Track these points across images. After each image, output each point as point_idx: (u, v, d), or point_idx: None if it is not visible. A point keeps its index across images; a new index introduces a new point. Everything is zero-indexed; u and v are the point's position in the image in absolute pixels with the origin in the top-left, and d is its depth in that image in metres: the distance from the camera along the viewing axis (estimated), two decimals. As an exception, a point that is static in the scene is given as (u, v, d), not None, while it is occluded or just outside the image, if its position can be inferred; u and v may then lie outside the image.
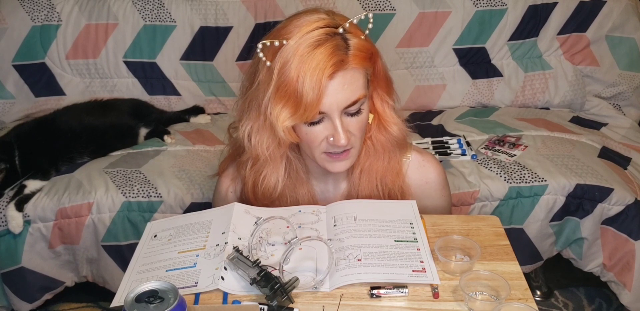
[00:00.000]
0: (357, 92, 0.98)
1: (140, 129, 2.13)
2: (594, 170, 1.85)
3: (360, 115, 1.02)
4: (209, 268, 0.95)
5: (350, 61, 0.96)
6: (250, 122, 1.06)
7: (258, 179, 1.13)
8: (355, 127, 1.02)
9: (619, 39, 2.24)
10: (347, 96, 0.97)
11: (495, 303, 0.87)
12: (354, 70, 0.98)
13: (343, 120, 1.00)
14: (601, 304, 2.02)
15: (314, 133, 1.01)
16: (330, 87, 0.96)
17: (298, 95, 0.95)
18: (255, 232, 0.97)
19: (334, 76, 0.95)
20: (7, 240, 1.79)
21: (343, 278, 0.92)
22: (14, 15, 2.22)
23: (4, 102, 2.27)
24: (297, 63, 0.94)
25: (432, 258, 0.97)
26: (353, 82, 0.98)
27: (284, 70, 0.95)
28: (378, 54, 1.04)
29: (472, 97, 2.33)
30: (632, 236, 1.77)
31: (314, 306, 0.90)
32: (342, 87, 0.97)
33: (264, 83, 0.99)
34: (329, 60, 0.94)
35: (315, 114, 0.97)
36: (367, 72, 1.02)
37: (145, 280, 0.94)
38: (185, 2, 2.25)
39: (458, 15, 2.24)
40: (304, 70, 0.93)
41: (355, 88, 0.98)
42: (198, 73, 2.31)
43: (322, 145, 1.03)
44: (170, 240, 1.04)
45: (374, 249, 0.98)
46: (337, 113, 0.98)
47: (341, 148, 1.03)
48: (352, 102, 0.98)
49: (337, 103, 0.97)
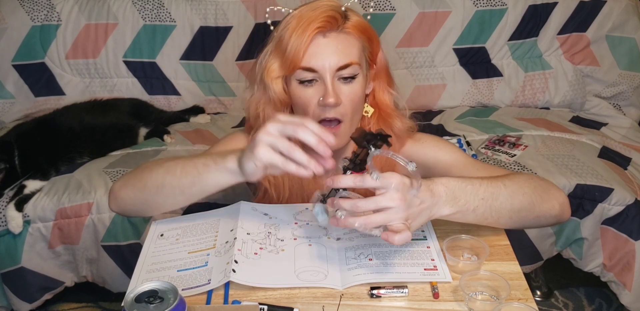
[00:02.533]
0: (350, 56, 1.02)
1: (140, 129, 2.13)
2: (594, 170, 1.85)
3: (353, 84, 1.04)
4: (221, 264, 0.95)
5: (346, 26, 1.01)
6: (252, 86, 1.09)
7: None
8: (346, 95, 1.03)
9: (619, 38, 2.24)
10: (339, 57, 1.01)
11: (495, 303, 0.87)
12: (349, 36, 1.02)
13: (335, 84, 1.02)
14: (601, 304, 2.02)
15: (306, 95, 1.04)
16: (322, 45, 1.00)
17: (286, 46, 1.00)
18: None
19: (326, 35, 1.01)
20: (7, 240, 1.79)
21: (355, 277, 0.92)
22: (14, 15, 2.22)
23: (3, 102, 2.26)
24: (294, 22, 1.01)
25: (442, 256, 0.97)
26: (348, 46, 1.02)
27: (282, 30, 1.02)
28: (378, 40, 1.07)
29: (472, 97, 2.33)
30: (632, 236, 1.76)
31: (314, 306, 0.89)
32: (336, 47, 1.01)
33: (267, 47, 1.06)
34: (322, 15, 0.99)
35: (298, 65, 1.00)
36: (365, 47, 1.05)
37: (157, 279, 0.94)
38: (185, 2, 2.25)
39: (458, 15, 2.24)
40: (297, 25, 1.00)
41: (350, 52, 1.02)
42: (198, 73, 2.30)
43: (315, 111, 1.04)
44: (178, 239, 1.04)
45: (384, 248, 0.98)
46: (330, 74, 1.01)
47: (331, 112, 1.03)
48: (345, 64, 1.01)
49: (330, 63, 1.00)
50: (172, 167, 1.00)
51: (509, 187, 0.96)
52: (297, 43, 0.99)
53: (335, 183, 0.85)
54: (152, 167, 1.04)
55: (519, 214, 0.97)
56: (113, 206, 1.10)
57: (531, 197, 0.98)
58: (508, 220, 0.97)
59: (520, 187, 0.98)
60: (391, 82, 1.12)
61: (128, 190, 1.06)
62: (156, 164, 1.04)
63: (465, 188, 0.91)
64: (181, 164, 1.00)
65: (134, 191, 1.05)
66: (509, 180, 0.98)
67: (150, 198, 1.03)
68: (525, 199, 0.97)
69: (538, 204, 0.99)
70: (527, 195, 0.98)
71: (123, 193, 1.06)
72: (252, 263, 0.95)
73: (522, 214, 0.98)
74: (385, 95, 1.11)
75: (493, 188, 0.94)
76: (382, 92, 1.11)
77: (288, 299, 0.91)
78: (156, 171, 1.02)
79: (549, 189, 1.03)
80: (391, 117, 1.12)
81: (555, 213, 1.02)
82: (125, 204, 1.08)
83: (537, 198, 0.99)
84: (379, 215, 0.83)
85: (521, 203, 0.97)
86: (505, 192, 0.95)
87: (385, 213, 0.83)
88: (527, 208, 0.98)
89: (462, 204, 0.91)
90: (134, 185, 1.05)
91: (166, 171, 1.01)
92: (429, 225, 1.05)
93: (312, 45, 1.00)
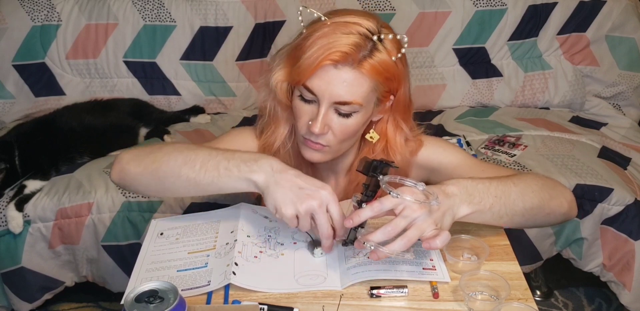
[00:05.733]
0: (354, 96, 0.98)
1: (140, 129, 2.13)
2: (593, 170, 1.85)
3: (348, 120, 1.01)
4: (221, 266, 0.95)
5: (361, 66, 0.96)
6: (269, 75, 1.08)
7: (263, 133, 1.15)
8: (337, 127, 1.02)
9: (619, 39, 2.24)
10: (342, 93, 0.97)
11: (495, 303, 0.87)
12: (361, 76, 0.97)
13: (329, 113, 1.00)
14: (601, 304, 2.02)
15: (302, 110, 1.03)
16: (331, 74, 0.97)
17: (299, 59, 0.98)
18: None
19: (339, 66, 0.96)
20: (7, 240, 1.79)
21: (354, 275, 0.93)
22: (14, 15, 2.22)
23: (4, 102, 2.26)
24: (319, 35, 0.97)
25: (442, 256, 0.97)
26: (355, 85, 0.97)
27: (306, 36, 0.99)
28: (402, 80, 1.03)
29: (472, 97, 2.33)
30: (632, 236, 1.77)
31: (314, 306, 0.90)
32: (342, 82, 0.97)
33: (289, 45, 1.05)
34: (344, 47, 0.95)
35: (300, 83, 0.99)
36: (377, 88, 1.00)
37: (156, 278, 0.94)
38: (185, 2, 2.25)
39: (458, 15, 2.24)
40: (320, 42, 0.96)
41: (355, 92, 0.98)
42: (198, 73, 2.31)
43: (304, 127, 1.03)
44: (178, 239, 1.04)
45: None
46: (327, 103, 0.99)
47: (314, 137, 1.03)
48: (344, 102, 0.98)
49: (330, 94, 0.98)
50: (191, 159, 0.98)
51: (519, 185, 0.97)
52: (309, 62, 0.96)
53: (355, 220, 0.87)
54: (169, 151, 1.01)
55: (531, 212, 0.99)
56: (115, 176, 1.07)
57: (540, 195, 0.99)
58: (521, 218, 0.98)
59: (529, 185, 0.99)
60: (407, 117, 1.10)
61: (138, 166, 1.03)
62: (174, 149, 1.02)
63: (477, 187, 0.93)
64: (201, 158, 0.97)
65: (143, 169, 1.02)
66: (517, 179, 0.99)
67: (161, 182, 1.01)
68: (536, 197, 0.99)
69: (547, 201, 1.01)
70: (537, 193, 0.99)
71: (132, 167, 1.03)
72: (252, 267, 0.95)
73: (534, 212, 0.99)
74: (398, 130, 1.10)
75: (504, 187, 0.95)
76: (394, 126, 1.09)
77: (288, 299, 0.91)
78: (174, 158, 0.99)
79: (556, 187, 1.05)
80: (395, 152, 1.11)
81: (564, 211, 1.04)
82: (130, 178, 1.05)
83: (546, 195, 1.00)
84: (411, 230, 0.85)
85: (532, 201, 0.98)
86: (515, 189, 0.96)
87: (415, 226, 0.85)
88: (538, 205, 0.99)
89: (478, 201, 0.92)
90: (145, 163, 1.02)
91: (184, 161, 0.98)
92: None
93: (322, 70, 0.96)
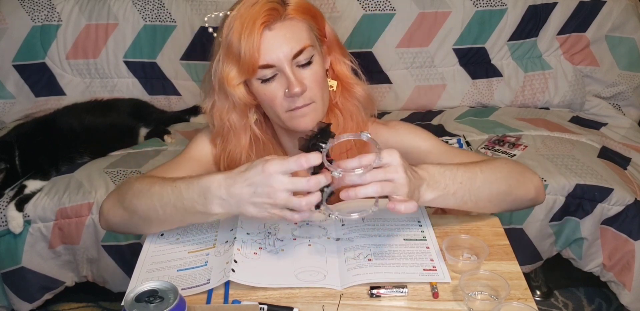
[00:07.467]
0: (301, 42, 1.00)
1: (140, 129, 2.13)
2: (593, 170, 1.85)
3: (312, 66, 1.03)
4: (220, 264, 0.95)
5: (288, 13, 0.99)
6: (211, 95, 1.07)
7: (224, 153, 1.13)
8: (309, 79, 1.02)
9: (619, 39, 2.24)
10: (291, 45, 0.99)
11: (495, 303, 0.87)
12: (294, 21, 1.01)
13: (295, 72, 1.01)
14: (601, 304, 2.02)
15: (270, 91, 1.02)
16: (271, 38, 0.98)
17: (238, 50, 0.98)
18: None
19: (272, 27, 0.98)
20: (7, 240, 1.80)
21: (355, 277, 0.93)
22: (14, 15, 2.22)
23: (4, 102, 2.27)
24: (237, 24, 0.97)
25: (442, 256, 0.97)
26: (295, 31, 1.00)
27: (228, 34, 0.99)
28: (322, 17, 1.07)
29: (472, 97, 2.33)
30: (632, 236, 1.77)
31: (314, 306, 0.90)
32: (284, 37, 0.99)
33: (215, 54, 1.03)
34: (262, 10, 0.97)
35: (256, 66, 0.98)
36: (311, 27, 1.04)
37: (156, 278, 0.94)
38: (185, 2, 2.25)
39: (458, 16, 2.24)
40: (242, 26, 0.97)
41: (299, 38, 1.00)
42: (198, 73, 2.30)
43: (284, 103, 1.03)
44: (179, 239, 1.05)
45: (384, 248, 0.98)
46: (287, 64, 0.99)
47: (300, 101, 1.02)
48: (298, 51, 1.00)
49: (284, 54, 0.99)
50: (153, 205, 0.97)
51: (485, 172, 0.99)
52: (249, 45, 0.97)
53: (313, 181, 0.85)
54: (138, 192, 1.00)
55: (497, 198, 1.01)
56: (103, 224, 1.11)
57: (507, 181, 1.01)
58: (487, 203, 1.00)
59: (496, 171, 1.01)
60: (344, 52, 1.12)
61: (117, 212, 1.05)
62: (141, 190, 1.00)
63: (444, 173, 0.94)
64: (159, 203, 0.96)
65: (122, 214, 1.04)
66: (485, 165, 1.01)
67: (139, 224, 1.04)
68: (502, 183, 1.00)
69: (514, 187, 1.02)
70: (504, 179, 1.01)
71: (112, 215, 1.06)
72: (251, 263, 0.95)
73: (500, 197, 1.01)
74: (342, 66, 1.11)
75: (470, 173, 0.97)
76: (338, 64, 1.11)
77: (288, 299, 0.91)
78: (144, 200, 0.98)
79: (524, 173, 1.06)
80: (352, 85, 1.12)
81: (531, 196, 1.06)
82: (115, 225, 1.08)
83: (513, 181, 1.02)
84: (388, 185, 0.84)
85: (498, 186, 1.00)
86: (481, 176, 0.98)
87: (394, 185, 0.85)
88: (505, 191, 1.01)
89: (442, 188, 0.93)
90: (122, 207, 1.04)
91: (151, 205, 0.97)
92: (429, 225, 1.05)
93: (262, 41, 0.98)
